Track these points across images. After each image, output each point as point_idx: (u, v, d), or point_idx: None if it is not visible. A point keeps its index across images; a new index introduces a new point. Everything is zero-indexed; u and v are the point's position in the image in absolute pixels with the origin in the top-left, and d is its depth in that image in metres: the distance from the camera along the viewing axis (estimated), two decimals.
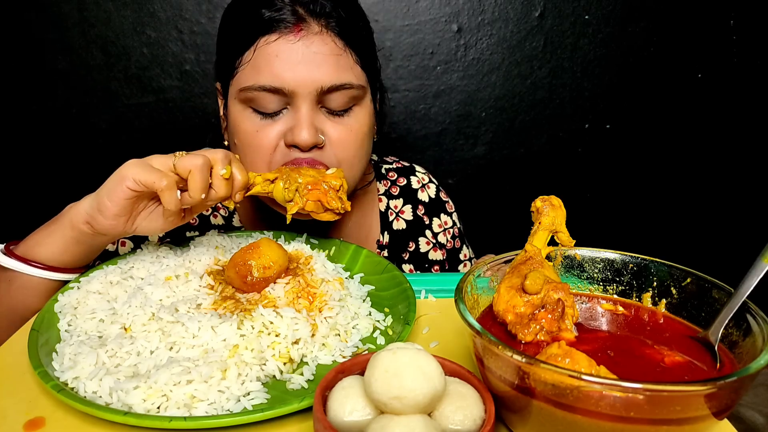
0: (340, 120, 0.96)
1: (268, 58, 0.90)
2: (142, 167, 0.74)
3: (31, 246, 0.83)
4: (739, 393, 0.48)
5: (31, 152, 1.65)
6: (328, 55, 0.92)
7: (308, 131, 0.91)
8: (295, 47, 0.90)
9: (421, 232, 1.25)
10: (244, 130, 0.95)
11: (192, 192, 0.75)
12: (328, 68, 0.91)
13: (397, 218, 1.24)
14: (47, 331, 0.71)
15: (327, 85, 0.91)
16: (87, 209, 0.78)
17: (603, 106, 1.72)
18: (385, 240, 1.22)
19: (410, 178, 1.28)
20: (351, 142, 0.97)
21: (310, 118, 0.92)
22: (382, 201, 1.24)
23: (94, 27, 1.54)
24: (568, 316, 0.61)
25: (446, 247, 1.27)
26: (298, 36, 0.90)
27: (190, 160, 0.74)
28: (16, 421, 0.58)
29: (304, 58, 0.90)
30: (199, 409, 0.58)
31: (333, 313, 0.75)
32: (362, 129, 0.99)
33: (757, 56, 1.69)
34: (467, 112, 1.71)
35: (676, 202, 1.82)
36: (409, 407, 0.46)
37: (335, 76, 0.92)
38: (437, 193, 1.29)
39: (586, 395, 0.45)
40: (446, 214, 1.29)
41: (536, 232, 0.71)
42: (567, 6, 1.62)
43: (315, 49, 0.91)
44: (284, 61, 0.90)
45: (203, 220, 1.15)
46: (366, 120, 1.00)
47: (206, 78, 1.62)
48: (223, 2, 1.55)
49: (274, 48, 0.90)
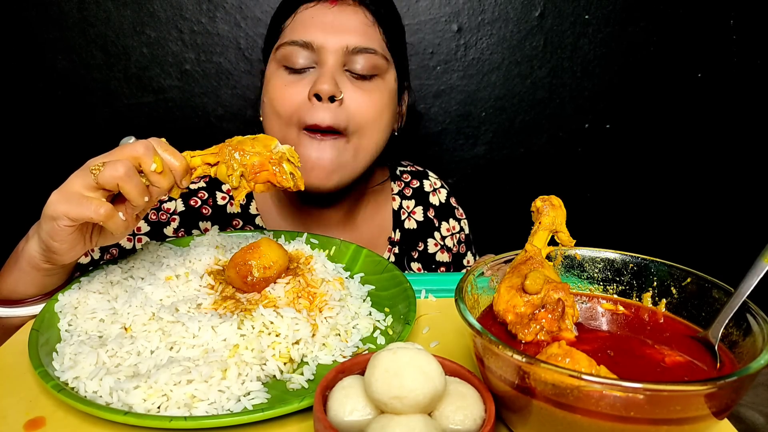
0: (362, 84, 1.03)
1: (304, 20, 1.03)
2: (69, 201, 0.67)
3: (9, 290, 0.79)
4: (740, 393, 0.48)
5: (30, 152, 1.65)
6: (358, 24, 1.03)
7: (329, 82, 0.98)
8: (328, 12, 1.02)
9: (430, 234, 1.28)
10: (274, 85, 1.04)
11: (132, 200, 0.68)
12: (356, 32, 1.02)
13: (408, 218, 1.27)
14: (47, 330, 0.71)
15: (353, 45, 1.00)
16: (39, 251, 0.74)
17: (603, 106, 1.71)
18: (397, 237, 1.25)
19: (423, 181, 1.32)
20: (368, 107, 1.03)
21: (332, 73, 1.00)
22: (395, 200, 1.28)
23: (94, 26, 1.54)
24: (569, 316, 0.61)
25: (452, 251, 1.30)
26: (333, 4, 1.03)
27: (110, 172, 0.66)
28: (16, 420, 0.58)
29: (335, 21, 1.01)
30: (199, 408, 0.58)
31: (333, 313, 0.75)
32: (382, 99, 1.05)
33: (757, 56, 1.69)
34: (467, 111, 1.71)
35: (676, 202, 1.82)
36: (410, 407, 0.46)
37: (362, 40, 1.02)
38: (448, 198, 1.33)
39: (587, 395, 0.45)
40: (455, 220, 1.32)
41: (536, 232, 0.71)
42: (567, 6, 1.62)
43: (347, 16, 1.02)
44: (318, 22, 1.02)
45: (218, 209, 1.16)
46: (385, 94, 1.06)
47: (206, 78, 1.61)
48: (224, 2, 1.55)
49: (310, 12, 1.03)
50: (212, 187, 1.18)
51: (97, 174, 0.67)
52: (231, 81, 1.61)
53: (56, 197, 0.68)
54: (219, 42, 1.58)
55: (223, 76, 1.61)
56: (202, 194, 1.17)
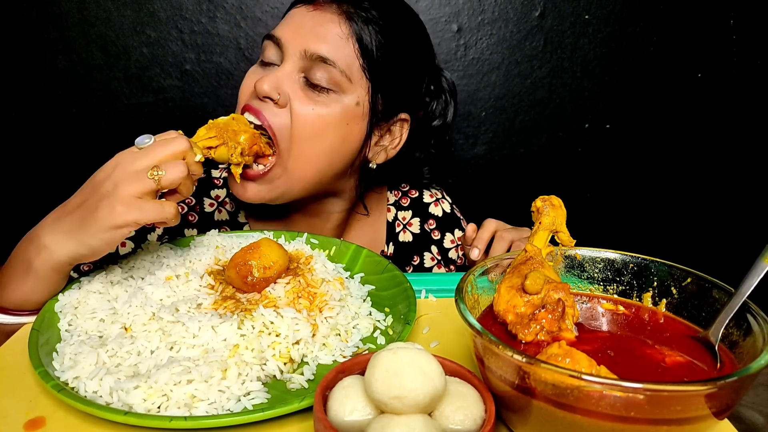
0: (312, 95, 0.96)
1: (287, 17, 1.02)
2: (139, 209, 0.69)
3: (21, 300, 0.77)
4: (740, 393, 0.48)
5: (30, 152, 1.65)
6: (330, 32, 0.96)
7: (270, 83, 0.94)
8: (306, 14, 0.98)
9: (427, 247, 1.23)
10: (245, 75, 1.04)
11: (186, 194, 0.77)
12: (322, 41, 0.96)
13: (404, 230, 1.22)
14: (47, 330, 0.71)
15: (312, 50, 0.95)
16: (72, 257, 0.73)
17: (603, 106, 1.72)
18: (390, 251, 1.21)
19: (423, 191, 1.27)
20: (306, 120, 0.95)
21: (282, 74, 0.96)
22: (390, 211, 1.23)
23: (94, 26, 1.54)
24: (569, 316, 0.61)
25: (456, 263, 1.25)
26: (315, 8, 0.99)
27: (175, 175, 0.71)
28: (16, 420, 0.58)
29: (308, 25, 0.97)
30: (199, 408, 0.58)
31: (333, 313, 0.75)
32: (326, 118, 0.96)
33: (757, 56, 1.69)
34: (467, 111, 1.71)
35: (676, 202, 1.82)
36: (410, 407, 0.46)
37: (325, 49, 0.95)
38: (452, 209, 1.28)
39: (587, 395, 0.45)
40: (461, 230, 1.26)
41: (536, 232, 0.71)
42: (567, 6, 1.62)
43: (321, 22, 0.97)
44: (293, 21, 0.99)
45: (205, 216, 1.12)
46: (335, 115, 0.96)
47: (206, 78, 1.61)
48: (224, 2, 1.55)
49: (295, 11, 1.01)
50: (200, 192, 1.13)
51: (160, 178, 0.70)
52: (231, 81, 1.61)
53: (123, 209, 0.69)
54: (219, 42, 1.58)
55: (223, 76, 1.61)
56: (189, 200, 1.11)
